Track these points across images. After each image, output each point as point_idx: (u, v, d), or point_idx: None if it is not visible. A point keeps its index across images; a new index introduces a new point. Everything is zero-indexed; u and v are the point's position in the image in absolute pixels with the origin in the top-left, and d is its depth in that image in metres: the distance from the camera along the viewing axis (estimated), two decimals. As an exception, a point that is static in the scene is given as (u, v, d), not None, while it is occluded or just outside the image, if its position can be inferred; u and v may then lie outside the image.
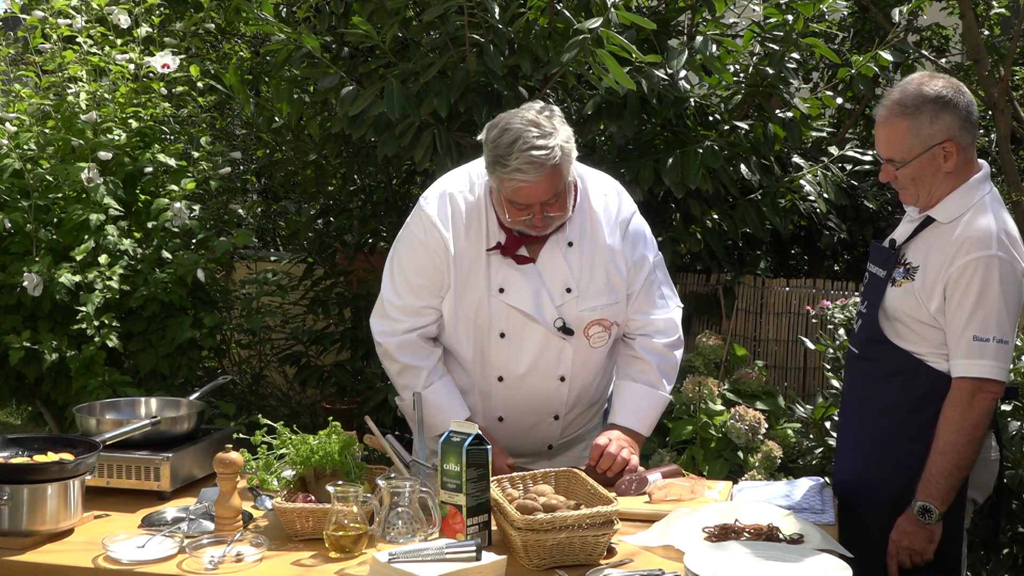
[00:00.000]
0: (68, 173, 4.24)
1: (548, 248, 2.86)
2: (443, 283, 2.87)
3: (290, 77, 4.97)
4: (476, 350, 2.91)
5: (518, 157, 2.63)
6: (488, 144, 2.71)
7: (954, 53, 6.83)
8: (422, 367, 2.90)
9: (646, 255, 2.95)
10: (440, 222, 2.84)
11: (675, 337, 3.01)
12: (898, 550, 2.67)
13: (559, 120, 2.73)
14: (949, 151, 2.64)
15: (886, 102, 2.69)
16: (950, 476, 2.60)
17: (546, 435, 3.03)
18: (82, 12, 4.73)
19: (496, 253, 2.85)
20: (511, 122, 2.69)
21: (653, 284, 2.97)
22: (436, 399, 2.89)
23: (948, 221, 2.65)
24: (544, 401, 2.95)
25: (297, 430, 2.60)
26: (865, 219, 5.78)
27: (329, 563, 2.28)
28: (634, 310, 2.95)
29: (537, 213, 2.72)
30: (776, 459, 3.80)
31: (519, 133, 2.65)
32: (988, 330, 2.55)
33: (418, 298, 2.89)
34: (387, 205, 5.56)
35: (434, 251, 2.85)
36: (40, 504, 2.36)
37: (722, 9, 4.73)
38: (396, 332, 2.91)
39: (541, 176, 2.66)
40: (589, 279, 2.87)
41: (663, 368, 2.98)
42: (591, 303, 2.87)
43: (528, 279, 2.85)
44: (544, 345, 2.88)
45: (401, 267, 2.92)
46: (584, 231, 2.88)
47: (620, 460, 2.81)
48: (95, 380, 4.12)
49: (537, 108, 2.73)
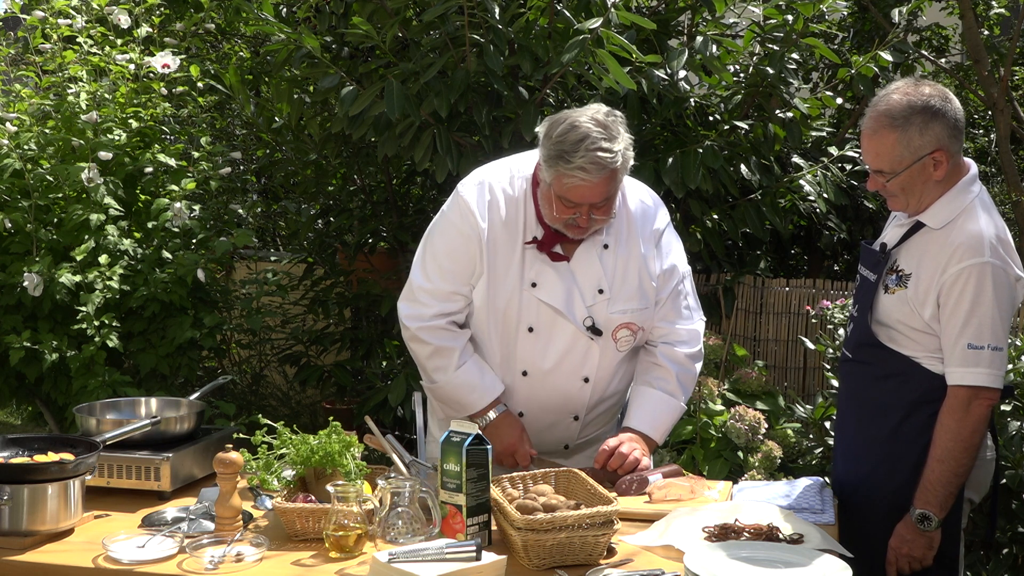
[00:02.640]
0: (68, 173, 4.24)
1: (583, 248, 2.88)
2: (475, 270, 2.87)
3: (290, 77, 4.97)
4: (503, 343, 2.91)
5: (584, 156, 2.64)
6: (551, 138, 2.71)
7: (954, 53, 6.83)
8: (454, 347, 2.89)
9: (676, 265, 2.97)
10: (477, 209, 2.85)
11: (696, 349, 3.02)
12: (897, 557, 2.68)
13: (623, 126, 2.75)
14: (939, 160, 2.63)
15: (873, 113, 2.66)
16: (948, 483, 2.60)
17: (564, 435, 3.03)
18: (82, 12, 4.73)
19: (532, 248, 2.86)
20: (580, 120, 2.69)
21: (680, 294, 2.98)
22: (469, 378, 2.88)
23: (939, 227, 2.64)
24: (565, 401, 2.96)
25: (297, 430, 2.60)
26: (865, 219, 5.79)
27: (329, 563, 2.28)
28: (659, 318, 2.96)
29: (584, 214, 2.74)
30: (776, 459, 3.80)
31: (587, 132, 2.66)
32: (982, 338, 2.55)
33: (448, 283, 2.88)
34: (387, 205, 5.56)
35: (468, 237, 2.85)
36: (40, 504, 2.36)
37: (722, 9, 4.73)
38: (424, 316, 2.90)
39: (601, 178, 2.68)
40: (622, 282, 2.88)
41: (682, 378, 2.99)
42: (622, 306, 2.88)
43: (561, 277, 2.86)
44: (571, 344, 2.89)
45: (434, 251, 2.92)
46: (620, 235, 2.90)
47: (632, 459, 2.82)
48: (95, 380, 4.13)
49: (605, 111, 2.74)
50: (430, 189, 5.68)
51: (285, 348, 5.70)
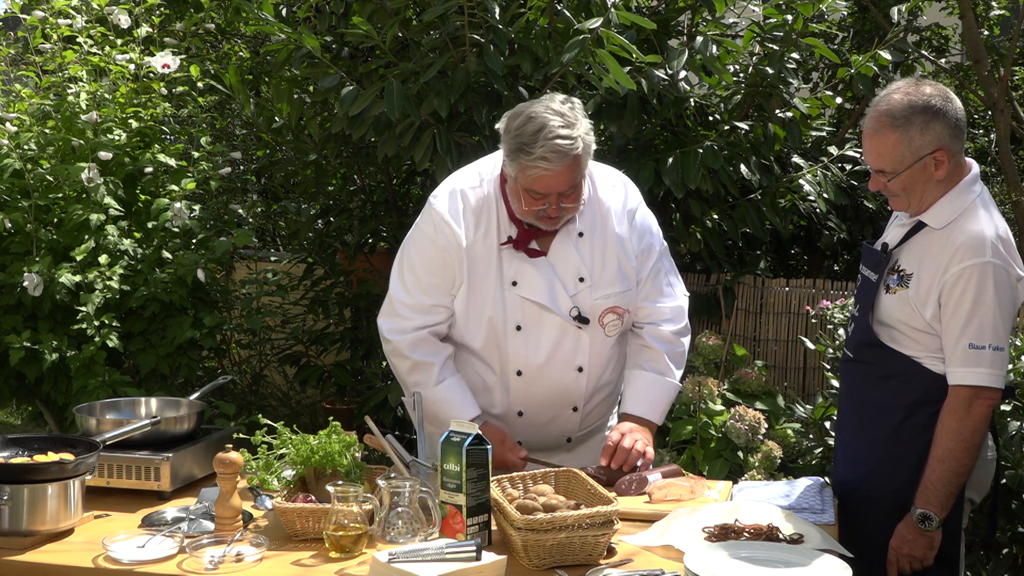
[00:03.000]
0: (68, 173, 4.24)
1: (559, 240, 2.88)
2: (455, 281, 2.87)
3: (290, 77, 4.97)
4: (492, 345, 2.91)
5: (543, 145, 2.65)
6: (510, 132, 2.72)
7: (954, 53, 6.83)
8: (434, 363, 2.89)
9: (652, 243, 2.98)
10: (451, 218, 2.86)
11: (682, 324, 3.04)
12: (898, 557, 2.67)
13: (581, 112, 2.75)
14: (940, 160, 2.62)
15: (873, 113, 2.66)
16: (949, 483, 2.60)
17: (565, 427, 3.03)
18: (82, 12, 4.73)
19: (508, 247, 2.87)
20: (536, 111, 2.70)
21: (660, 272, 3.00)
22: (449, 394, 2.89)
23: (941, 227, 2.64)
24: (563, 393, 2.96)
25: (297, 430, 2.60)
26: (865, 219, 5.79)
27: (329, 563, 2.28)
28: (642, 298, 2.97)
29: (552, 204, 2.74)
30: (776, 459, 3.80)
31: (544, 122, 2.67)
32: (984, 338, 2.55)
33: (429, 296, 2.89)
34: (387, 205, 5.56)
35: (445, 248, 2.86)
36: (40, 504, 2.36)
37: (722, 9, 4.73)
38: (405, 330, 2.90)
39: (563, 166, 2.68)
40: (601, 268, 2.90)
41: (672, 356, 3.01)
42: (604, 291, 2.90)
43: (541, 271, 2.87)
44: (561, 336, 2.89)
45: (411, 265, 2.92)
46: (594, 221, 2.90)
47: (635, 453, 2.82)
48: (95, 380, 4.13)
49: (560, 99, 2.75)
50: (430, 189, 5.65)
51: (285, 348, 5.69)
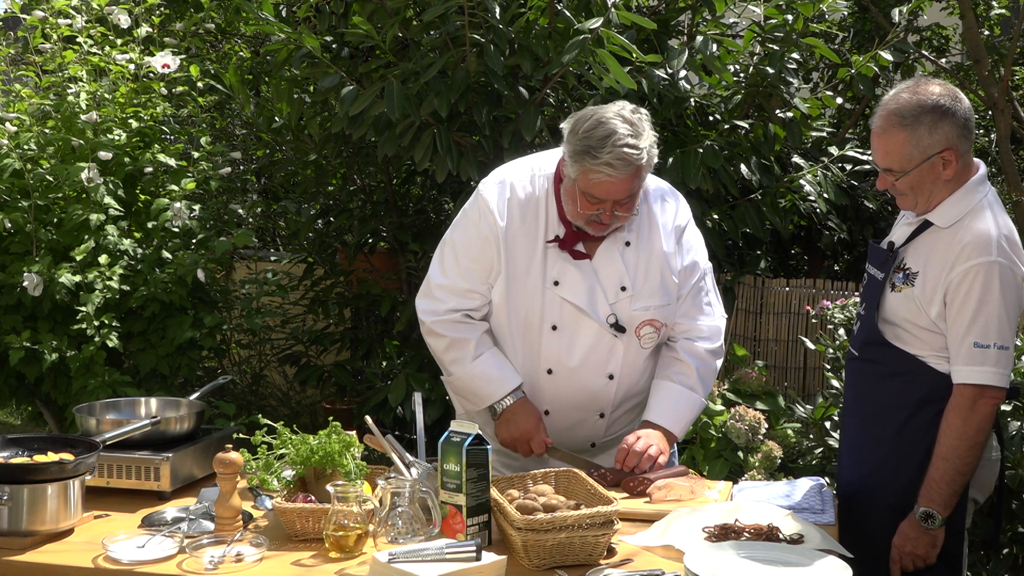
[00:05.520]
0: (68, 173, 4.24)
1: (605, 246, 2.89)
2: (492, 269, 2.88)
3: (290, 77, 4.97)
4: (527, 342, 2.92)
5: (611, 151, 2.66)
6: (577, 133, 2.72)
7: (954, 53, 6.84)
8: (469, 338, 2.90)
9: (697, 261, 2.98)
10: (496, 208, 2.86)
11: (717, 344, 3.02)
12: (901, 555, 2.67)
13: (648, 123, 2.77)
14: (948, 159, 2.62)
15: (882, 112, 2.66)
16: (952, 482, 2.59)
17: (591, 432, 3.03)
18: (82, 12, 4.73)
19: (554, 246, 2.87)
20: (606, 116, 2.71)
21: (701, 290, 2.99)
22: (486, 368, 2.89)
23: (947, 226, 2.64)
24: (591, 398, 2.96)
25: (297, 430, 2.60)
26: (865, 219, 5.79)
27: (329, 563, 2.28)
28: (680, 314, 2.96)
29: (607, 210, 2.75)
30: (776, 459, 3.80)
31: (614, 128, 2.68)
32: (989, 337, 2.55)
33: (465, 280, 2.90)
34: (387, 205, 5.56)
35: (486, 237, 2.87)
36: (40, 504, 2.36)
37: (722, 9, 4.73)
38: (439, 311, 2.92)
39: (626, 174, 2.69)
40: (644, 279, 2.89)
41: (702, 372, 2.99)
42: (644, 303, 2.89)
43: (584, 275, 2.87)
44: (596, 341, 2.89)
45: (453, 248, 2.93)
46: (642, 232, 2.91)
47: (647, 457, 2.81)
48: (95, 380, 4.12)
49: (631, 108, 2.76)
50: (430, 189, 5.68)
51: (285, 348, 5.70)
